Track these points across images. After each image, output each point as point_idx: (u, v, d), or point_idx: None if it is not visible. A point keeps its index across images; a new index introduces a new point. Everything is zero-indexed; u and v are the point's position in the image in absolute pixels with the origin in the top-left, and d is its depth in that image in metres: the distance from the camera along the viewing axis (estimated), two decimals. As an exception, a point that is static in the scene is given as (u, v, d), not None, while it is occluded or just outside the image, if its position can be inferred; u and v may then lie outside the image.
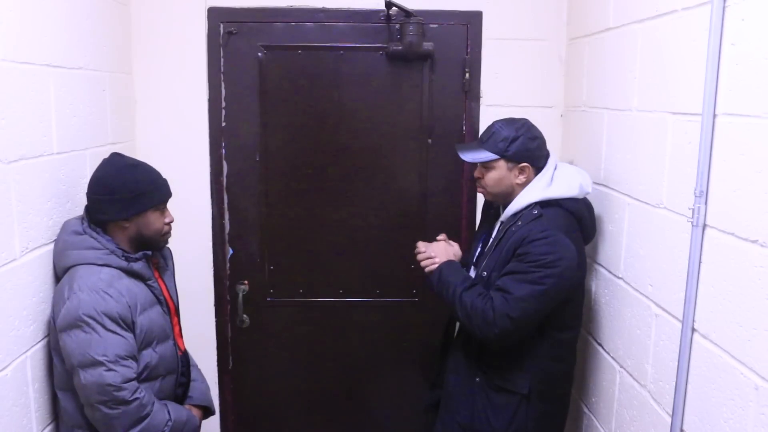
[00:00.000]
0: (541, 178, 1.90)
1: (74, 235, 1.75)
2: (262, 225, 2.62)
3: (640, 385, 1.79)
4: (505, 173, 1.90)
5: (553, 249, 1.76)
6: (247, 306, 2.65)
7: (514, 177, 1.90)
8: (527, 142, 1.88)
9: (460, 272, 1.94)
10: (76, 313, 1.63)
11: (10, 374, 1.60)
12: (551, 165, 1.93)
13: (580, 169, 2.00)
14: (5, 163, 1.57)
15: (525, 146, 1.87)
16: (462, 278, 1.90)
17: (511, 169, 1.89)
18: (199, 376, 2.09)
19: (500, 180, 1.91)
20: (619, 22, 1.96)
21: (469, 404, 1.93)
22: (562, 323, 1.89)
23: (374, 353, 2.72)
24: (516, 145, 1.87)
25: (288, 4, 2.49)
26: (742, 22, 1.32)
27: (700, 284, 1.46)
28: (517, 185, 1.90)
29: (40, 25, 1.75)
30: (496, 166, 1.90)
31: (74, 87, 1.95)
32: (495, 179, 1.91)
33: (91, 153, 2.05)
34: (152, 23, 2.46)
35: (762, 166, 1.24)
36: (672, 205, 1.60)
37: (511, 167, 1.89)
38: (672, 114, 1.61)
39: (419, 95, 2.54)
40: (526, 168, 1.89)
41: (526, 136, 1.88)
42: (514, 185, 1.90)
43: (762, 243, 1.24)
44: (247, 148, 2.56)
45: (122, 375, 1.64)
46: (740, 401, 1.31)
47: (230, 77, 2.52)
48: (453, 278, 1.90)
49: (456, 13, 2.50)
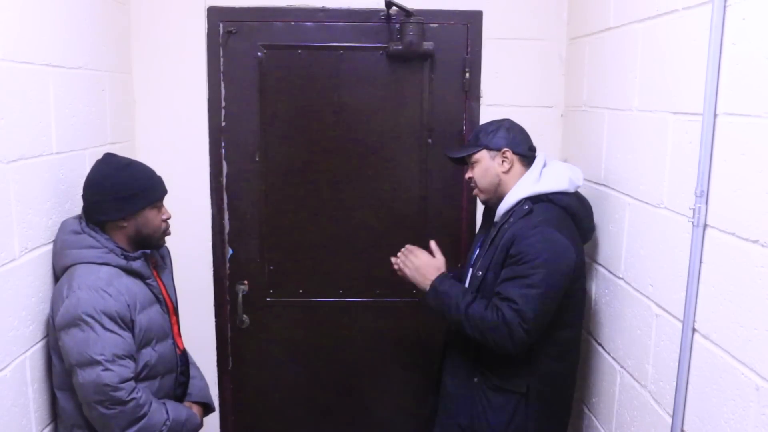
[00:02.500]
0: (529, 174, 1.93)
1: (72, 234, 1.75)
2: (262, 225, 2.61)
3: (640, 385, 1.79)
4: (488, 163, 1.96)
5: (546, 246, 1.77)
6: (247, 306, 2.65)
7: (498, 165, 1.95)
8: (506, 131, 1.97)
9: (456, 286, 1.92)
10: (75, 311, 1.63)
11: (9, 374, 1.60)
12: (540, 162, 1.96)
13: (571, 165, 2.03)
14: (4, 163, 1.56)
15: (503, 134, 1.96)
16: (461, 292, 1.88)
17: (493, 158, 1.95)
18: (198, 374, 2.08)
19: (486, 171, 1.96)
20: (620, 22, 1.96)
21: (468, 405, 1.93)
22: (561, 322, 1.88)
23: (374, 353, 2.72)
24: (494, 134, 1.97)
25: (288, 4, 2.49)
26: (743, 22, 1.31)
27: (701, 284, 1.46)
28: (503, 174, 1.94)
29: (40, 25, 1.75)
30: (480, 158, 1.97)
31: (74, 87, 1.95)
32: (481, 172, 1.97)
33: (91, 153, 2.04)
34: (152, 23, 2.46)
35: (763, 166, 1.24)
36: (673, 205, 1.60)
37: (494, 155, 1.95)
38: (673, 114, 1.61)
39: (419, 95, 2.54)
40: (507, 152, 1.94)
41: (504, 126, 1.98)
42: (500, 174, 1.95)
43: (763, 243, 1.24)
44: (247, 148, 2.56)
45: (119, 375, 1.64)
46: (741, 401, 1.31)
47: (230, 77, 2.51)
48: (452, 293, 1.88)
49: (456, 12, 2.50)
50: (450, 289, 1.90)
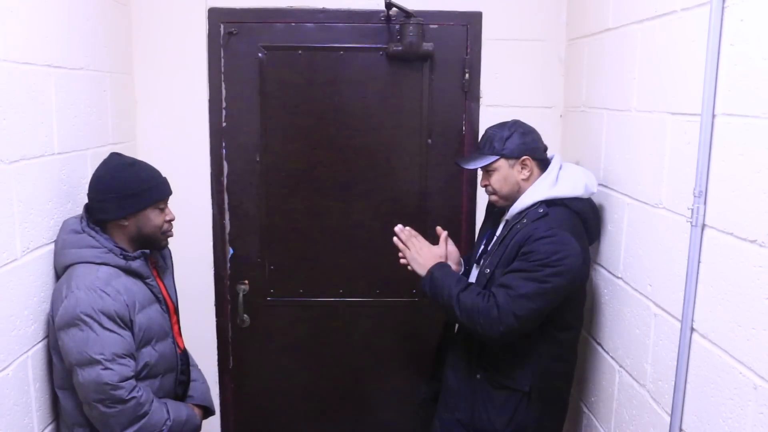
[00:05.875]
0: (546, 177, 1.92)
1: (73, 233, 1.76)
2: (262, 225, 2.62)
3: (639, 384, 1.79)
4: (508, 171, 1.92)
5: (558, 248, 1.76)
6: (247, 306, 2.65)
7: (518, 173, 1.92)
8: (521, 137, 1.92)
9: (453, 274, 1.93)
10: (73, 311, 1.63)
11: (11, 374, 1.60)
12: (556, 164, 1.95)
13: (586, 170, 2.01)
14: (6, 164, 1.57)
15: (520, 140, 1.92)
16: (456, 279, 1.89)
17: (512, 166, 1.92)
18: (200, 377, 2.09)
19: (505, 179, 1.93)
20: (619, 23, 1.97)
21: (469, 401, 1.94)
22: (563, 322, 1.89)
23: (374, 353, 2.73)
24: (511, 141, 1.91)
25: (288, 5, 2.50)
26: (741, 23, 1.32)
27: (700, 284, 1.46)
28: (522, 181, 1.92)
29: (42, 26, 1.75)
30: (498, 167, 1.93)
31: (75, 87, 1.96)
32: (500, 180, 1.93)
33: (92, 153, 2.05)
34: (153, 24, 2.46)
35: (761, 166, 1.25)
36: (671, 205, 1.61)
37: (513, 164, 1.92)
38: (671, 114, 1.61)
39: (419, 95, 2.55)
40: (528, 161, 1.91)
41: (518, 131, 1.93)
42: (520, 182, 1.92)
43: (761, 243, 1.25)
44: (248, 148, 2.56)
45: (119, 374, 1.65)
46: (739, 401, 1.31)
47: (230, 77, 2.52)
48: (447, 280, 1.89)
49: (456, 13, 2.51)
50: (445, 276, 1.90)
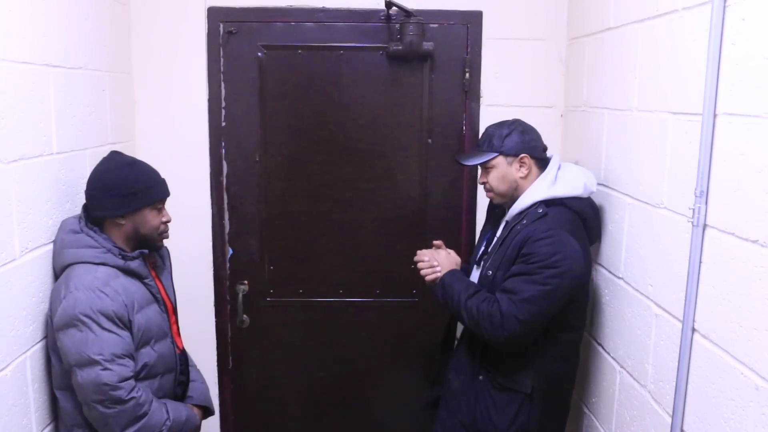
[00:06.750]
0: (545, 176, 1.92)
1: (71, 233, 1.75)
2: (262, 225, 2.61)
3: (640, 385, 1.79)
4: (506, 169, 1.93)
5: (558, 248, 1.76)
6: (247, 306, 2.65)
7: (516, 171, 1.92)
8: (520, 135, 1.93)
9: (463, 280, 1.95)
10: (72, 311, 1.63)
11: (9, 374, 1.60)
12: (555, 164, 1.95)
13: (585, 169, 2.01)
14: (5, 163, 1.57)
15: (519, 138, 1.93)
16: (466, 285, 1.91)
17: (511, 164, 1.92)
18: (199, 377, 2.09)
19: (503, 177, 1.93)
20: (620, 22, 1.96)
21: (472, 403, 1.93)
22: (566, 324, 1.89)
23: (374, 353, 2.72)
24: (510, 139, 1.92)
25: (288, 4, 2.49)
26: (743, 22, 1.31)
27: (701, 284, 1.46)
28: (520, 179, 1.92)
29: (40, 25, 1.75)
30: (496, 164, 1.93)
31: (74, 87, 1.95)
32: (498, 177, 1.94)
33: (91, 153, 2.05)
34: (152, 23, 2.46)
35: (762, 166, 1.24)
36: (672, 205, 1.60)
37: (511, 161, 1.92)
38: (672, 114, 1.61)
39: (419, 95, 2.54)
40: (526, 158, 1.92)
41: (518, 129, 1.94)
42: (518, 180, 1.93)
43: (762, 243, 1.24)
44: (247, 148, 2.56)
45: (118, 374, 1.64)
46: (740, 401, 1.31)
47: (230, 77, 2.52)
48: (457, 286, 1.91)
49: (456, 13, 2.50)
50: (455, 282, 1.93)
